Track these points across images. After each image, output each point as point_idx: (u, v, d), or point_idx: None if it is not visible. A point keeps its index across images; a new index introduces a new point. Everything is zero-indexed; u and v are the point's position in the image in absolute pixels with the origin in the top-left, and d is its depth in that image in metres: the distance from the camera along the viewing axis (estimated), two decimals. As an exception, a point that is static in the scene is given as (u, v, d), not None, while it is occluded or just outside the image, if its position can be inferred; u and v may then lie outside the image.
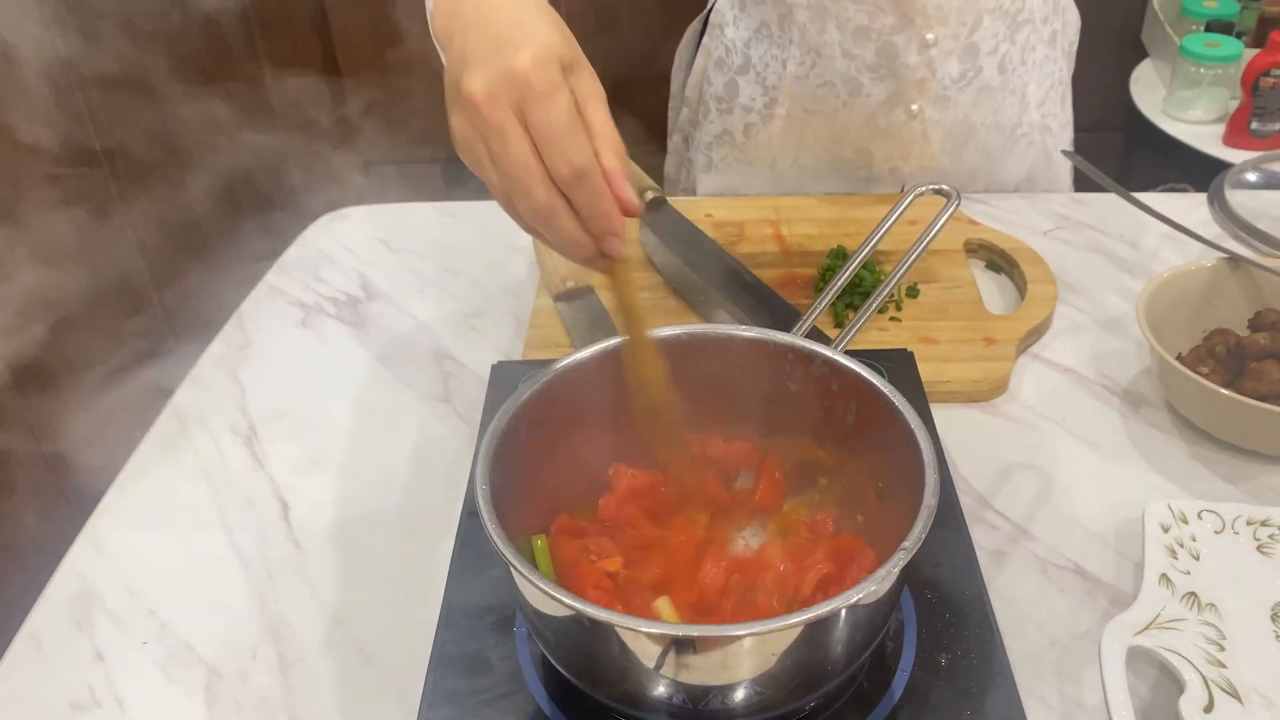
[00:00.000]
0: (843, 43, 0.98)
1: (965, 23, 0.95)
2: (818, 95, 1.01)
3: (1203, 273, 0.81)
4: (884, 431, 0.53)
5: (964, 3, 0.94)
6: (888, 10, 0.95)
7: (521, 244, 0.98)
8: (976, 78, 0.99)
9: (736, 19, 1.04)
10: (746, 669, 0.46)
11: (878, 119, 1.01)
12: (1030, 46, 1.00)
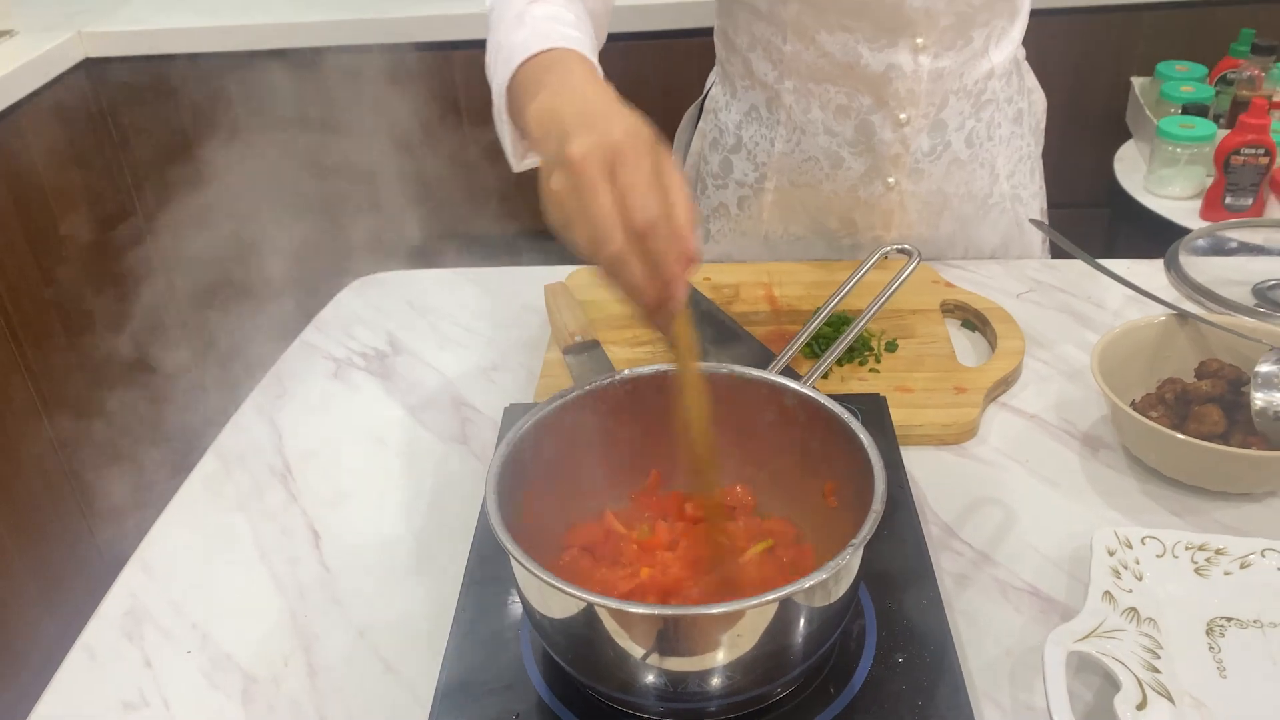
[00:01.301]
0: (825, 121, 1.07)
1: (934, 103, 1.05)
2: (803, 169, 1.11)
3: (1153, 327, 0.88)
4: (843, 452, 0.61)
5: (932, 86, 1.04)
6: (865, 93, 1.05)
7: (534, 304, 1.07)
8: (946, 152, 1.08)
9: (729, 104, 1.14)
10: (722, 649, 0.53)
11: (858, 190, 1.10)
12: (996, 124, 1.10)
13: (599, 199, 0.58)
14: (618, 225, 0.58)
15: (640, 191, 0.58)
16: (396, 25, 1.85)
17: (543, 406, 0.66)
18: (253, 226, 2.07)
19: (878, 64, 1.03)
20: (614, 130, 0.60)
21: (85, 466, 1.88)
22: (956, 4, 0.99)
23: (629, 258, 0.58)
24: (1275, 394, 0.79)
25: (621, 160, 0.59)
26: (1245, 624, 0.68)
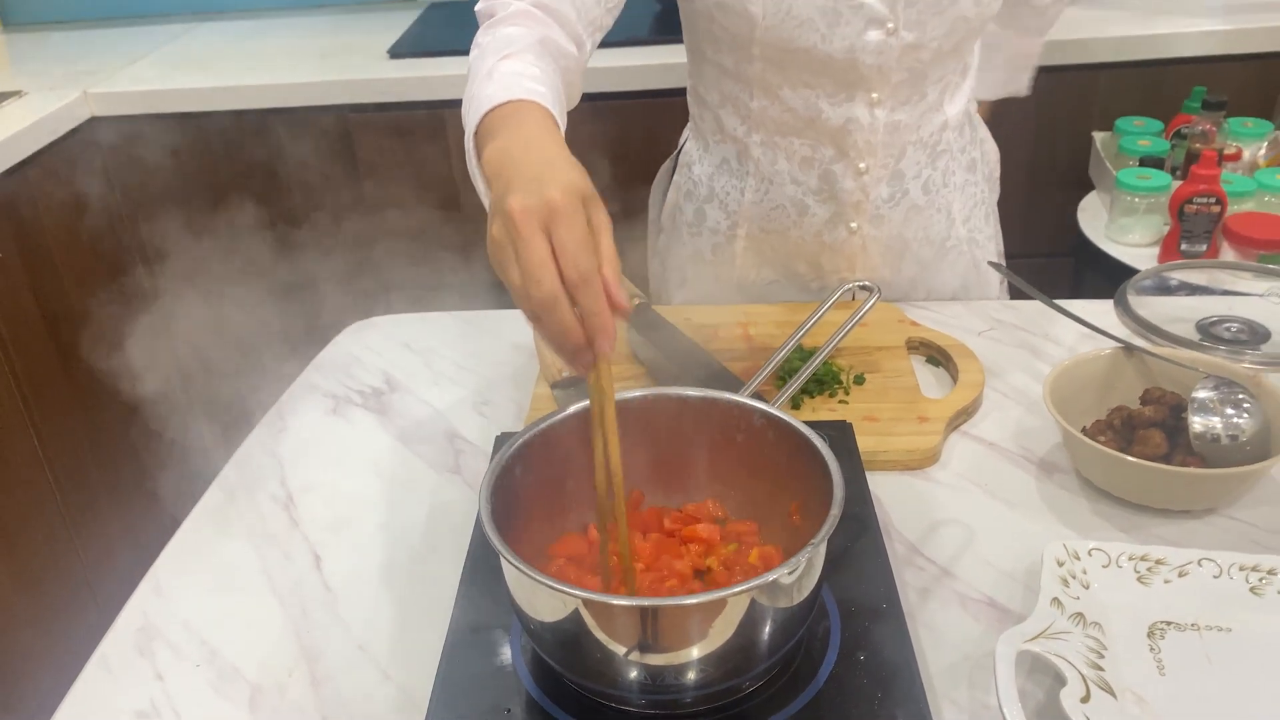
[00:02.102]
0: (790, 172, 1.15)
1: (891, 154, 1.13)
2: (772, 217, 1.18)
3: (1102, 359, 0.95)
4: (806, 467, 0.66)
5: (889, 138, 1.11)
6: (826, 144, 1.12)
7: (522, 343, 1.13)
8: (904, 199, 1.16)
9: (701, 157, 1.22)
10: (698, 639, 0.58)
11: (823, 236, 1.18)
12: (951, 172, 1.17)
13: (533, 251, 0.63)
14: (550, 273, 0.63)
15: (572, 248, 0.63)
16: (393, 85, 1.93)
17: (530, 428, 0.71)
18: (252, 280, 2.14)
19: (837, 118, 1.10)
20: (552, 187, 0.65)
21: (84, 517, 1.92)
22: (907, 61, 1.06)
23: (559, 301, 0.63)
24: (1212, 418, 0.86)
25: (556, 217, 0.64)
26: (1184, 627, 0.73)
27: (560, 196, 0.65)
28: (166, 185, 2.02)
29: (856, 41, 1.04)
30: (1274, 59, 1.90)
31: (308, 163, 2.00)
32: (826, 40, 1.04)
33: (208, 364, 2.24)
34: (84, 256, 1.95)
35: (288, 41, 2.22)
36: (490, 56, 0.86)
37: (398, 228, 2.07)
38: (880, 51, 1.05)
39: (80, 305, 1.93)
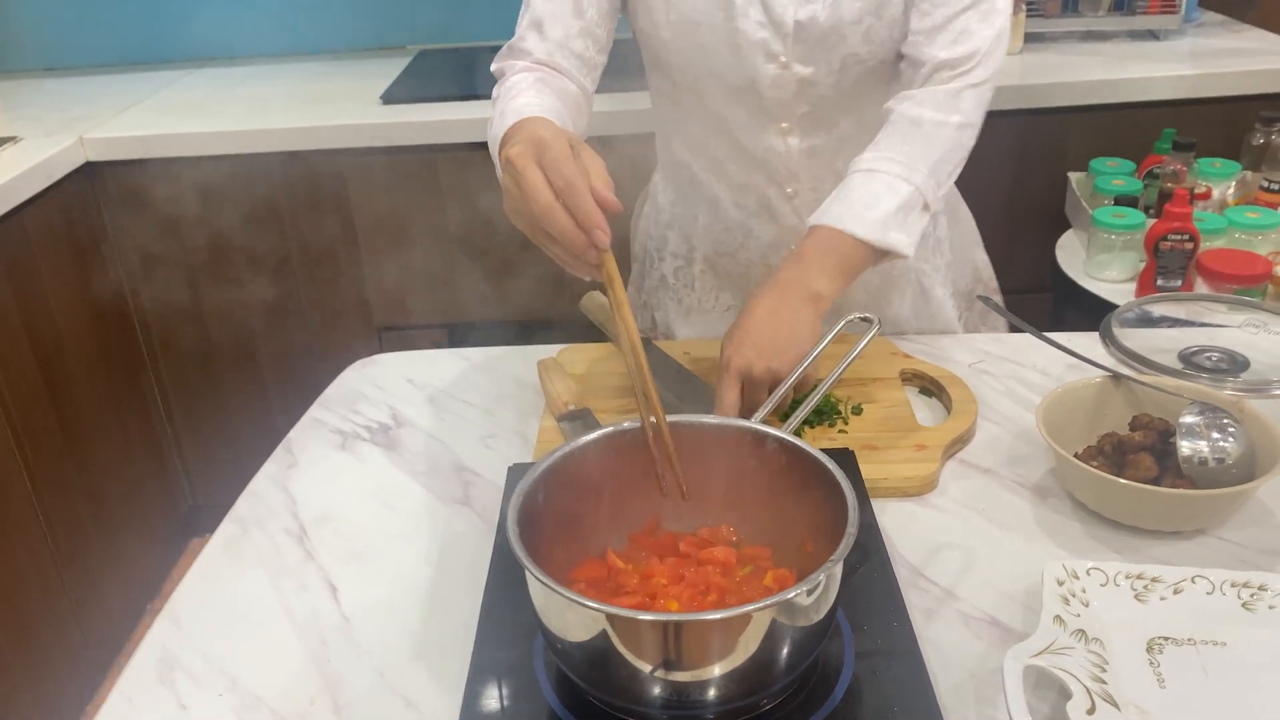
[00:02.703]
0: (732, 196, 1.23)
1: (814, 177, 1.18)
2: (722, 239, 1.26)
3: (1091, 387, 0.98)
4: (818, 489, 0.69)
5: (808, 162, 1.17)
6: (757, 170, 1.19)
7: (525, 379, 1.16)
8: None
9: (665, 186, 1.31)
10: (720, 655, 0.60)
11: (769, 258, 1.25)
12: None
13: (528, 177, 0.78)
14: (544, 190, 0.77)
15: (559, 165, 0.77)
16: (386, 130, 1.97)
17: (551, 455, 0.74)
18: (247, 320, 2.15)
19: (756, 146, 1.17)
20: (541, 131, 0.81)
21: (75, 560, 1.91)
22: (807, 94, 1.12)
23: (555, 212, 0.77)
24: (1199, 442, 0.89)
25: (543, 149, 0.78)
26: (1180, 642, 0.76)
27: (547, 136, 0.79)
28: (162, 229, 2.04)
29: (756, 74, 1.11)
30: (1239, 102, 1.97)
31: (302, 205, 2.03)
32: (731, 69, 1.11)
33: (200, 404, 2.25)
34: (80, 301, 1.96)
35: (280, 88, 2.26)
36: (499, 104, 0.99)
37: (391, 268, 2.10)
38: (777, 84, 1.11)
39: (75, 349, 1.93)
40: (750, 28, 1.08)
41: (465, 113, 1.97)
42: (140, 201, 2.01)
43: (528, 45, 1.08)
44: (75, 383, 1.92)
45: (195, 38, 2.49)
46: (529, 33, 1.08)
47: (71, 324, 1.92)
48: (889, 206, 1.01)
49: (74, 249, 1.94)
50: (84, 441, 1.93)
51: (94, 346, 1.99)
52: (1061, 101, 1.97)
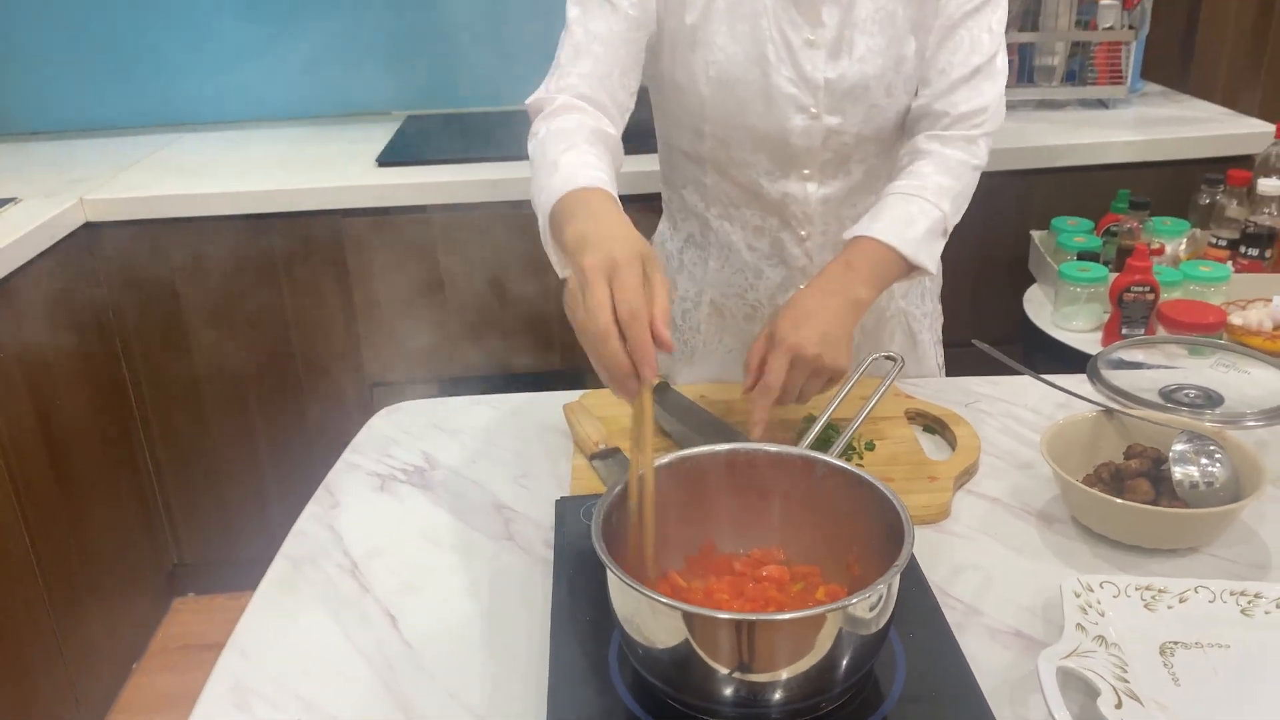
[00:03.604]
0: (745, 239, 1.31)
1: (828, 223, 1.28)
2: (732, 281, 1.34)
3: (1087, 421, 1.07)
4: (866, 511, 0.76)
5: (823, 209, 1.27)
6: (771, 215, 1.29)
7: (550, 423, 1.21)
8: None
9: (672, 234, 1.39)
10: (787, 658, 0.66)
11: (777, 298, 1.33)
12: None
13: (595, 293, 0.80)
14: (606, 312, 0.80)
15: (626, 293, 0.80)
16: (383, 191, 2.03)
17: (620, 484, 0.80)
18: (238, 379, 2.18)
19: (775, 192, 1.26)
20: (617, 248, 0.83)
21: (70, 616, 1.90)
22: (832, 143, 1.22)
23: (611, 337, 0.79)
24: (1190, 467, 0.98)
25: (617, 270, 0.81)
26: (1189, 645, 0.83)
27: (622, 255, 0.82)
28: (158, 289, 2.07)
29: (786, 124, 1.21)
30: (1186, 165, 2.12)
31: (299, 264, 2.08)
32: (763, 120, 1.20)
33: (190, 463, 2.25)
34: (76, 358, 1.98)
35: (275, 150, 2.31)
36: (552, 148, 1.03)
37: (384, 325, 2.15)
38: (806, 133, 1.21)
39: (71, 406, 1.95)
40: (784, 83, 1.18)
41: (459, 174, 2.04)
42: (137, 261, 2.04)
43: (571, 78, 1.12)
44: (71, 439, 1.92)
45: (187, 101, 2.55)
46: (574, 62, 1.13)
47: (68, 380, 1.93)
48: (922, 228, 1.14)
49: (71, 308, 1.96)
50: (78, 498, 1.93)
51: (89, 403, 2.00)
52: (1025, 164, 2.11)
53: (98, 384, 2.04)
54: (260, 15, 2.50)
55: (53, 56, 2.50)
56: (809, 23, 1.17)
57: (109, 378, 2.09)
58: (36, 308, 1.85)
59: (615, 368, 0.79)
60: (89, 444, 1.99)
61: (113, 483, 2.07)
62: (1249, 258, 1.93)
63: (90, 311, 2.02)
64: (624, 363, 0.79)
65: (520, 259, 2.09)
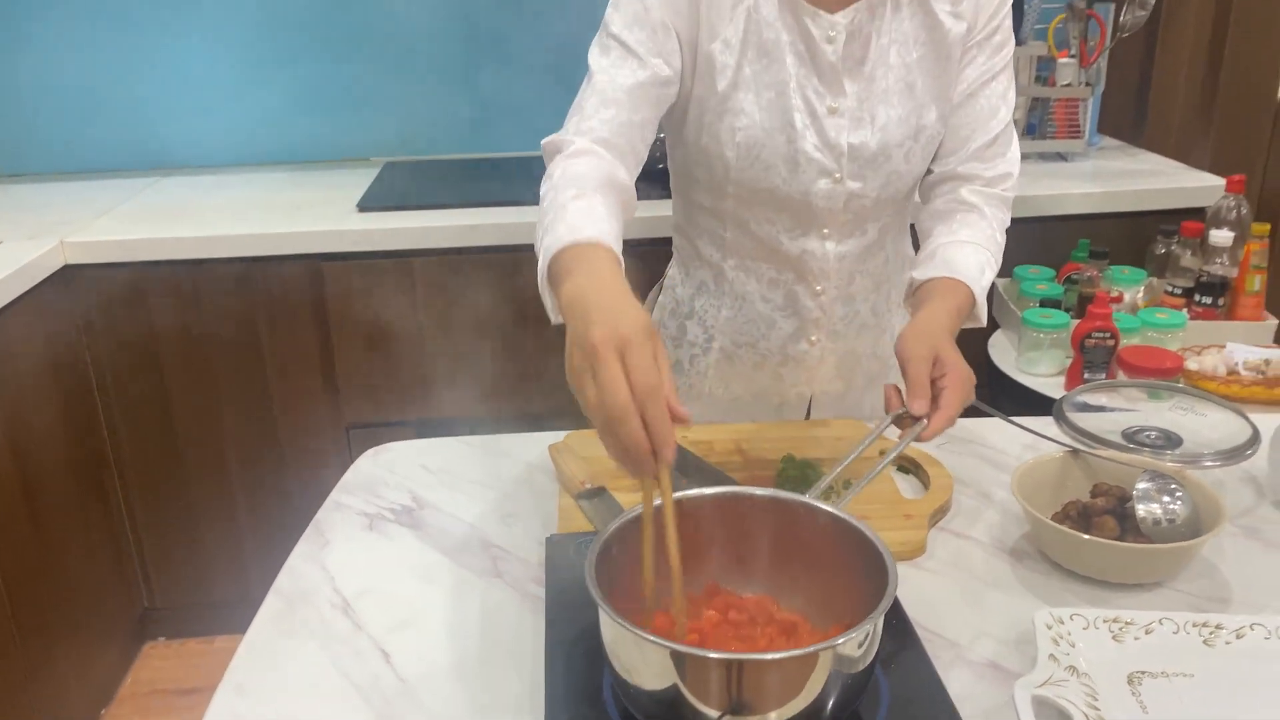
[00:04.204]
0: (760, 291, 1.34)
1: (843, 279, 1.33)
2: (744, 330, 1.37)
3: (1055, 461, 1.11)
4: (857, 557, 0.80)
5: (839, 265, 1.31)
6: (788, 269, 1.32)
7: (536, 463, 1.24)
8: (856, 318, 1.36)
9: (684, 281, 1.41)
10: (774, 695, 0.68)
11: (787, 348, 1.36)
12: (893, 301, 1.38)
13: (610, 371, 0.78)
14: (623, 389, 0.78)
15: (642, 369, 0.78)
16: (363, 236, 2.06)
17: (623, 517, 0.83)
18: (214, 421, 2.18)
19: (795, 248, 1.30)
20: (625, 323, 0.81)
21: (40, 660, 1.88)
22: (852, 205, 1.27)
23: (630, 418, 0.77)
24: (1153, 505, 1.02)
25: (629, 346, 0.79)
26: (1156, 675, 0.87)
27: (632, 330, 0.80)
28: (136, 331, 2.08)
29: (810, 187, 1.25)
30: (1143, 216, 2.21)
31: (278, 307, 2.10)
32: (787, 184, 1.24)
33: (163, 505, 2.25)
34: (54, 399, 1.97)
35: (254, 195, 2.34)
36: (563, 192, 1.04)
37: (362, 368, 2.16)
38: (829, 196, 1.26)
39: (48, 446, 1.94)
40: (810, 149, 1.22)
41: (438, 220, 2.08)
42: (116, 304, 2.05)
43: (593, 122, 1.13)
44: (46, 480, 1.92)
45: (166, 145, 2.58)
46: (598, 109, 1.14)
47: (44, 421, 1.93)
48: (988, 279, 1.23)
49: (49, 349, 1.96)
50: (52, 539, 1.92)
51: (64, 445, 2.00)
52: (987, 214, 2.17)
53: (73, 425, 2.04)
54: (239, 61, 2.54)
55: (34, 100, 2.52)
56: (832, 93, 1.21)
57: (85, 419, 2.08)
58: (15, 348, 1.85)
59: (635, 447, 0.77)
60: (63, 485, 1.98)
61: (86, 525, 2.06)
62: (1203, 305, 2.00)
63: (68, 353, 2.03)
64: (644, 442, 0.77)
65: (499, 302, 2.12)
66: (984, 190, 1.28)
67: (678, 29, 1.18)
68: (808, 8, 1.19)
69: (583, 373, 0.81)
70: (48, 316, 1.96)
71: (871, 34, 1.21)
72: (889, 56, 1.22)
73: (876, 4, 1.20)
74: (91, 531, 2.09)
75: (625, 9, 1.17)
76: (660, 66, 1.17)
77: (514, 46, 2.59)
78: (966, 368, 1.09)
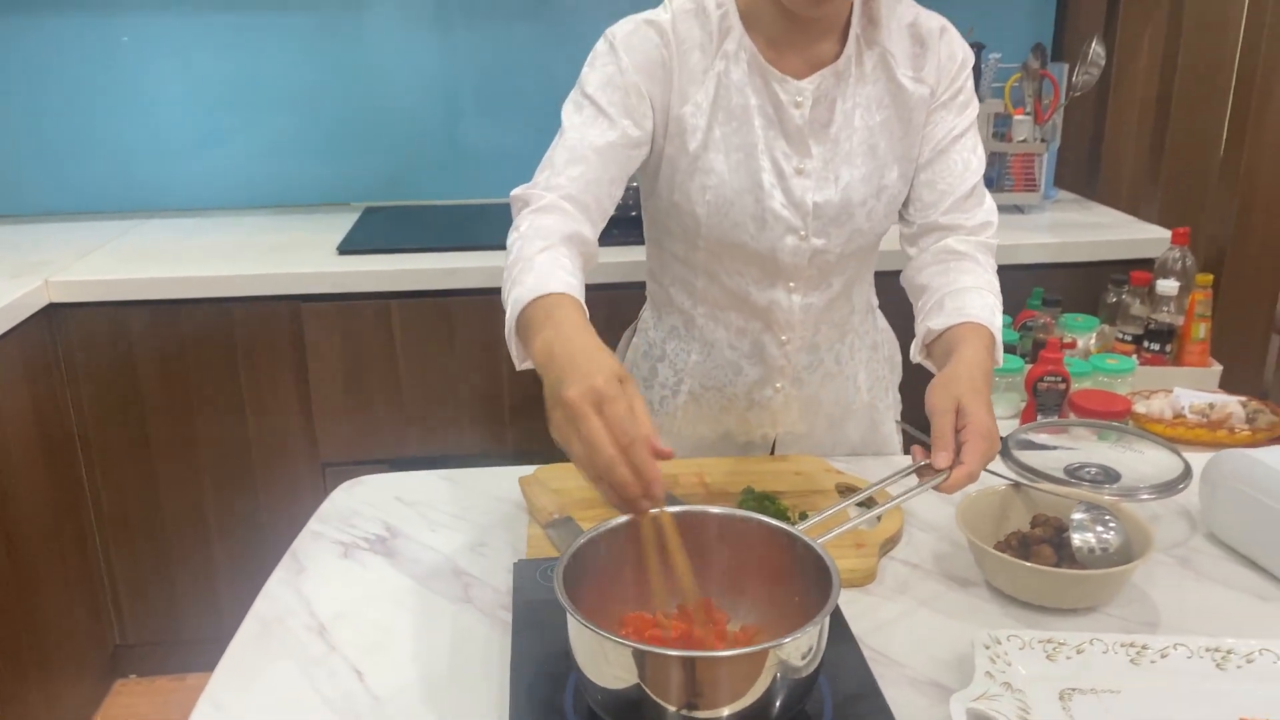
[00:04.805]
0: (728, 339, 1.40)
1: (808, 329, 1.39)
2: (712, 375, 1.43)
3: (997, 494, 1.18)
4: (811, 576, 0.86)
5: (804, 316, 1.37)
6: (756, 319, 1.38)
7: (505, 495, 1.29)
8: (820, 366, 1.42)
9: (656, 325, 1.47)
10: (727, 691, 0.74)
11: (753, 393, 1.42)
12: (856, 349, 1.45)
13: (590, 426, 0.86)
14: (605, 442, 0.85)
15: (619, 422, 0.85)
16: (343, 278, 2.12)
17: (591, 532, 0.89)
18: (191, 458, 2.22)
19: (762, 300, 1.36)
20: (597, 376, 0.88)
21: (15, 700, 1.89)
22: (817, 261, 1.34)
23: (616, 465, 0.85)
24: (1087, 534, 1.09)
25: (603, 399, 0.87)
26: (1085, 691, 0.93)
27: (604, 383, 0.87)
28: (116, 369, 2.12)
29: (777, 243, 1.31)
30: (1095, 266, 2.30)
31: (258, 347, 2.14)
32: (755, 239, 1.31)
33: (138, 542, 2.27)
34: (34, 434, 2.00)
35: (236, 237, 2.40)
36: (530, 244, 1.11)
37: (339, 407, 2.21)
38: (795, 252, 1.32)
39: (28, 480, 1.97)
40: (777, 207, 1.29)
41: (417, 263, 2.14)
42: (97, 342, 2.09)
43: (561, 179, 1.18)
44: (24, 513, 1.94)
45: (148, 189, 2.64)
46: (567, 166, 1.19)
47: (25, 454, 1.96)
48: (999, 321, 1.29)
49: (31, 386, 2.00)
50: (27, 574, 1.94)
51: (44, 479, 2.02)
52: (946, 263, 2.26)
53: (52, 460, 2.07)
54: (219, 107, 2.61)
55: (18, 143, 2.58)
56: (798, 154, 1.29)
57: (64, 454, 2.11)
58: (3, 384, 1.89)
59: (626, 491, 0.85)
60: (40, 520, 2.01)
61: (61, 560, 2.08)
62: (1151, 352, 2.09)
63: (49, 390, 2.06)
64: (633, 486, 0.84)
65: (473, 344, 2.18)
66: (970, 239, 1.33)
67: (650, 93, 1.25)
68: (775, 74, 1.26)
69: (566, 429, 0.88)
70: (31, 354, 2.00)
71: (837, 99, 1.29)
72: (853, 120, 1.30)
73: (842, 70, 1.28)
74: (67, 567, 2.11)
75: (600, 70, 1.25)
76: (630, 128, 1.23)
77: (493, 97, 2.68)
78: (988, 421, 1.08)
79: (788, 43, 1.26)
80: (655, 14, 1.26)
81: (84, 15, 2.51)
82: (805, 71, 1.27)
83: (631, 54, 1.23)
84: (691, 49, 1.25)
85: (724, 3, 1.26)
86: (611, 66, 1.24)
